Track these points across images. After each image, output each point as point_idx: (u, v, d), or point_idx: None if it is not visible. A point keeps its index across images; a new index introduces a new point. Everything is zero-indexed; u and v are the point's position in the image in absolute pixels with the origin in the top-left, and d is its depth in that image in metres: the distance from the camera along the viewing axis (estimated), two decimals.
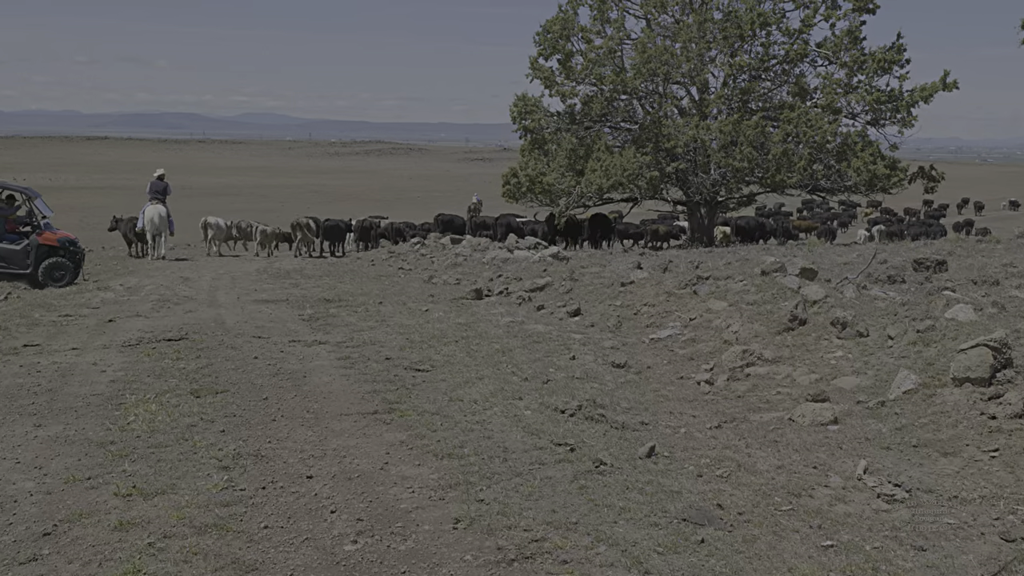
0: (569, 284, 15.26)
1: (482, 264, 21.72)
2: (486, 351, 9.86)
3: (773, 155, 27.44)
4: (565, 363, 9.48)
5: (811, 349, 9.39)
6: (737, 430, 7.15)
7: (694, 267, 13.87)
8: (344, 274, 21.49)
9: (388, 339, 10.66)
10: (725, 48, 28.58)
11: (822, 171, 28.20)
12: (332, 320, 12.51)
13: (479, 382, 8.30)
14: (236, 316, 12.98)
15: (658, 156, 28.70)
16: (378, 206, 65.37)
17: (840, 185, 28.78)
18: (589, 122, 30.09)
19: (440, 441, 6.37)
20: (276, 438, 6.46)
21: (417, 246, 30.05)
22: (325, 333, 11.28)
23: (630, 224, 35.19)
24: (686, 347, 10.36)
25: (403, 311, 13.57)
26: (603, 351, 10.21)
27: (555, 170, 28.90)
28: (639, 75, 27.84)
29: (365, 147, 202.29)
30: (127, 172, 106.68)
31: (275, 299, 15.37)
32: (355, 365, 9.04)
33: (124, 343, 10.44)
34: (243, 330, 11.56)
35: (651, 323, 11.79)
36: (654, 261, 17.79)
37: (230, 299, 15.44)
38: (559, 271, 17.73)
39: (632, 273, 14.82)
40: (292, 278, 20.03)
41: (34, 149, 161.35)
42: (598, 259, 22.81)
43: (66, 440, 6.46)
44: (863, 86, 28.51)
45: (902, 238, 36.82)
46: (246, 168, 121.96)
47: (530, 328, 11.59)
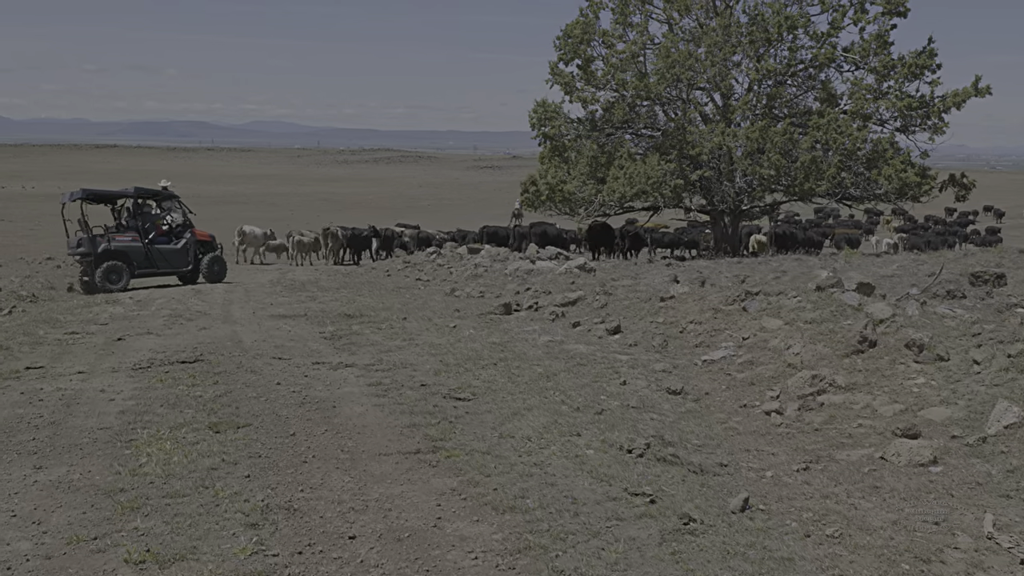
0: (603, 298, 14.44)
1: (504, 276, 20.91)
2: (528, 376, 9.04)
3: (801, 162, 26.56)
4: (616, 389, 8.65)
5: (887, 375, 8.53)
6: (828, 472, 6.31)
7: (739, 281, 13.03)
8: (361, 286, 20.71)
9: (420, 361, 9.84)
10: (751, 52, 27.75)
11: (851, 179, 27.30)
12: (356, 339, 11.70)
13: (528, 413, 7.48)
14: (253, 334, 12.19)
15: (682, 164, 27.86)
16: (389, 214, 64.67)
17: (870, 193, 27.88)
18: (610, 129, 29.28)
19: (497, 489, 5.54)
20: (309, 485, 5.64)
21: (433, 256, 29.28)
22: (350, 354, 10.46)
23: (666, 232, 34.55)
24: (744, 370, 9.52)
25: (430, 328, 12.75)
26: (654, 375, 9.38)
27: (576, 178, 28.08)
28: (663, 80, 27.02)
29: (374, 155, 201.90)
30: (136, 180, 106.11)
31: (293, 314, 14.58)
32: (388, 393, 8.22)
33: (134, 365, 9.65)
34: (262, 350, 10.76)
35: (700, 342, 10.95)
36: (689, 274, 16.94)
37: (245, 314, 14.65)
38: (589, 284, 16.92)
39: (671, 287, 13.98)
40: (308, 290, 19.26)
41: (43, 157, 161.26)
42: (627, 271, 21.99)
43: (70, 487, 5.66)
44: (893, 91, 27.64)
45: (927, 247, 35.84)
46: (255, 176, 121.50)
47: (571, 348, 10.76)
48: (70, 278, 23.16)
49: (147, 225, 20.99)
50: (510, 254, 26.28)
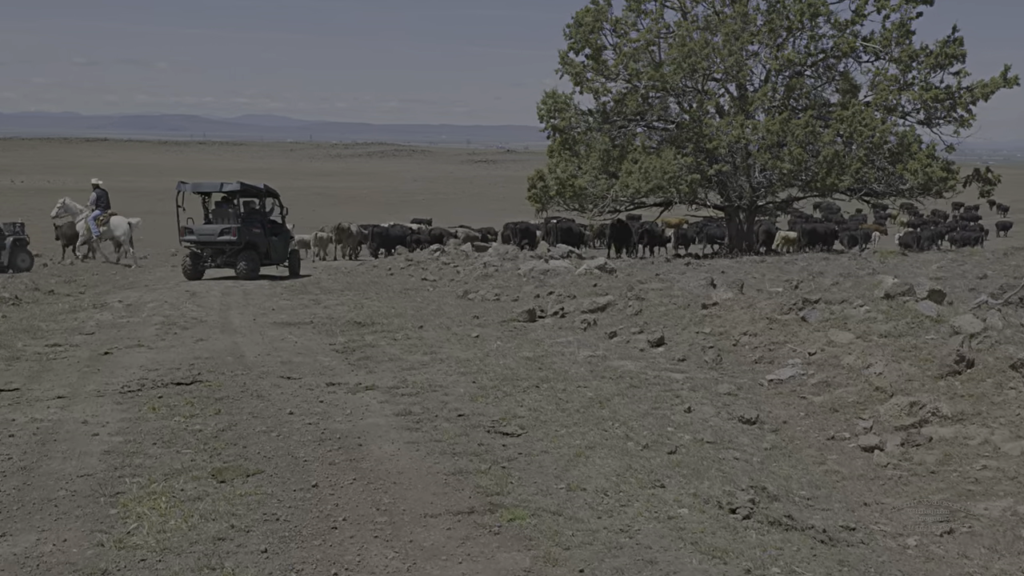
0: (636, 304, 13.24)
1: (518, 276, 19.71)
2: (579, 401, 7.84)
3: (823, 156, 25.42)
4: (682, 418, 7.46)
5: (996, 402, 7.36)
6: (976, 536, 5.14)
7: (792, 286, 11.86)
8: (366, 287, 19.48)
9: (449, 382, 8.63)
10: (770, 41, 26.58)
11: (874, 174, 26.17)
12: (371, 352, 10.49)
13: (591, 453, 6.29)
14: (256, 346, 10.96)
15: (698, 158, 26.68)
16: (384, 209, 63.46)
17: (893, 189, 26.77)
18: (622, 121, 28.09)
19: (584, 572, 4.35)
20: (343, 564, 4.44)
21: (437, 254, 28.09)
22: (368, 372, 9.25)
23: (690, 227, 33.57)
24: (820, 393, 8.34)
25: (451, 339, 11.55)
26: (719, 399, 8.19)
27: (588, 172, 26.88)
28: (679, 70, 25.82)
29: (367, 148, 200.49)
30: (127, 174, 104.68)
31: (297, 321, 13.35)
32: (421, 425, 7.02)
33: (123, 387, 8.42)
34: (267, 366, 9.54)
35: (759, 358, 9.77)
36: (723, 276, 15.74)
37: (245, 321, 13.42)
38: (616, 287, 15.73)
39: (712, 293, 12.79)
40: (310, 292, 18.04)
41: (33, 151, 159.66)
42: (648, 271, 20.82)
43: (38, 566, 4.44)
44: (918, 82, 26.50)
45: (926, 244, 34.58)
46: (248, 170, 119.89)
47: (616, 365, 9.56)
48: (56, 278, 21.89)
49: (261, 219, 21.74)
50: (519, 252, 25.10)
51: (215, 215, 21.42)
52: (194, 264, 20.53)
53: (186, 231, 20.87)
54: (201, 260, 20.63)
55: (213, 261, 20.71)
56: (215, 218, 21.27)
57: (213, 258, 20.80)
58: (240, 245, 20.56)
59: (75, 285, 20.65)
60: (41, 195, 72.71)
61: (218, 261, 20.71)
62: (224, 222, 20.91)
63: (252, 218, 21.41)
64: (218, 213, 21.46)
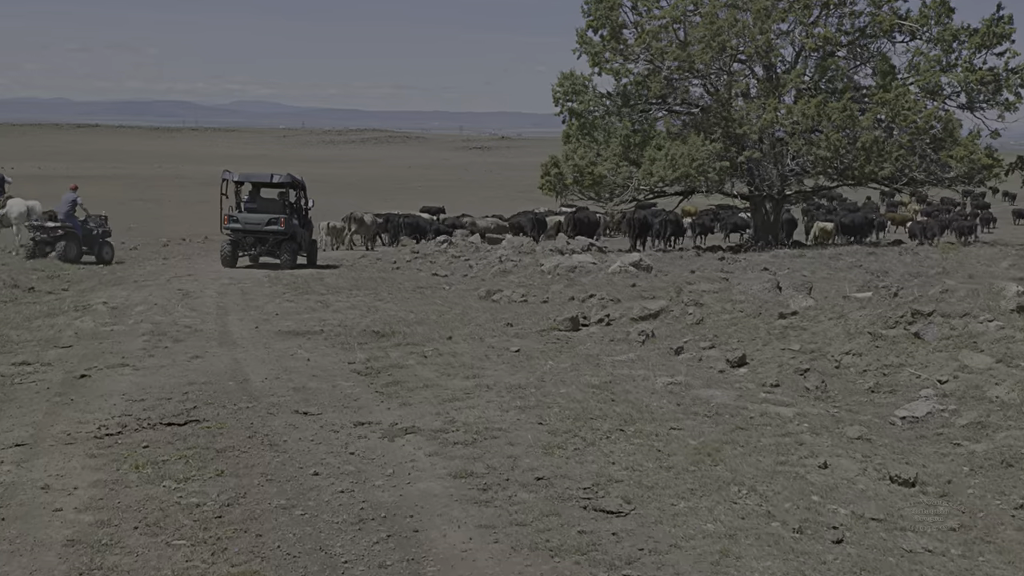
0: (695, 311, 11.54)
1: (542, 273, 18.01)
2: (682, 453, 6.14)
3: (862, 143, 23.68)
4: (821, 478, 5.77)
5: None
6: None
7: (890, 294, 10.16)
8: (375, 285, 17.75)
9: (508, 422, 6.91)
10: (804, 17, 24.81)
11: (915, 162, 24.44)
12: (400, 375, 8.76)
13: (735, 547, 4.59)
14: (262, 365, 9.23)
15: (726, 143, 24.92)
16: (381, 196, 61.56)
17: (935, 177, 25.06)
18: (644, 104, 26.30)
19: None
20: None
21: (444, 245, 26.37)
22: (402, 404, 7.53)
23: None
24: (978, 438, 6.63)
25: (490, 355, 9.84)
26: (851, 446, 6.49)
27: (608, 159, 25.08)
28: (708, 49, 24.01)
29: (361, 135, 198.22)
30: (118, 161, 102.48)
31: (306, 330, 11.62)
32: (492, 496, 5.30)
33: (99, 428, 6.70)
34: (277, 395, 7.82)
35: (875, 385, 8.07)
36: (783, 278, 14.02)
37: (246, 330, 11.68)
38: (660, 288, 14.04)
39: (788, 299, 11.08)
40: (315, 292, 16.28)
41: (23, 137, 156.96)
42: (682, 266, 19.14)
43: None
44: (962, 63, 24.77)
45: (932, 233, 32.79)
46: (240, 157, 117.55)
47: (703, 396, 7.85)
48: (37, 273, 20.12)
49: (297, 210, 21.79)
50: (535, 245, 23.36)
51: (261, 205, 21.32)
52: (233, 251, 20.62)
53: (230, 219, 20.84)
54: (240, 248, 20.72)
55: (254, 249, 20.91)
56: (260, 208, 21.17)
57: (254, 246, 20.94)
58: (287, 235, 20.71)
59: (58, 281, 18.89)
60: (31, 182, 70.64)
61: (259, 249, 20.89)
62: (270, 212, 20.94)
63: (291, 209, 21.55)
64: (264, 203, 21.44)
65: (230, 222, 20.81)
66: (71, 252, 20.93)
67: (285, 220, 20.68)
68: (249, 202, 21.42)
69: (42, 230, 21.38)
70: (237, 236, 20.68)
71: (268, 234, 20.68)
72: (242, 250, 20.85)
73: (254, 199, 21.55)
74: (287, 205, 21.46)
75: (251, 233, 20.75)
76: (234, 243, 20.72)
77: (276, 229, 20.56)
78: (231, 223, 20.77)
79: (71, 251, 20.95)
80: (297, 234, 21.21)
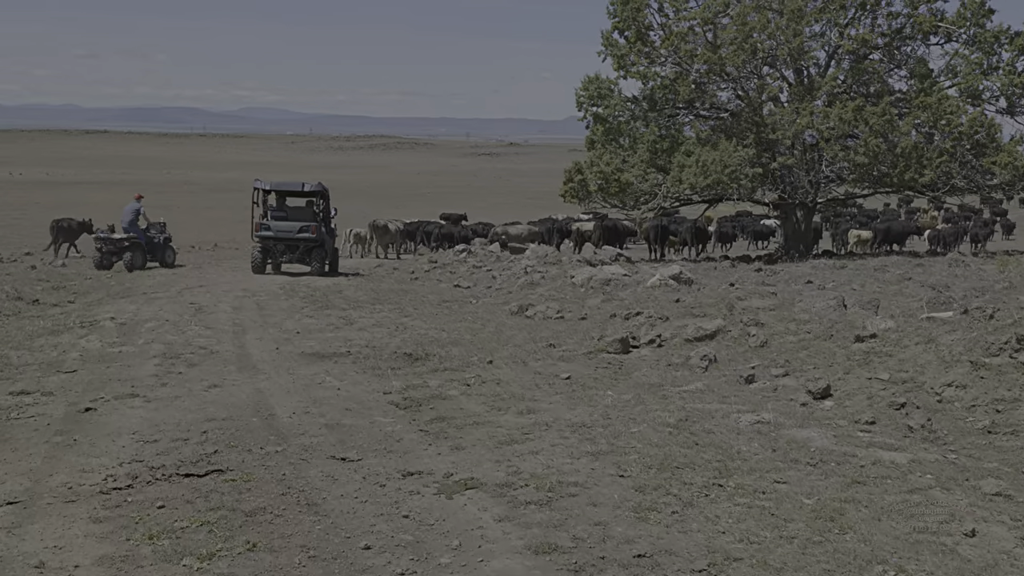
0: (757, 332, 10.54)
1: (574, 286, 17.03)
2: (802, 519, 5.14)
3: (901, 148, 22.66)
4: (974, 553, 4.78)
5: None
6: None
7: (985, 315, 9.13)
8: (397, 298, 16.82)
9: (582, 472, 5.92)
10: (840, 20, 23.81)
11: (957, 168, 23.41)
12: (444, 408, 7.79)
13: None
14: (288, 396, 8.26)
15: (758, 149, 23.92)
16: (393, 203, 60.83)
17: (975, 184, 24.03)
18: (671, 109, 25.32)
19: None
20: None
21: (463, 255, 25.44)
22: (454, 447, 6.55)
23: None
24: None
25: (540, 384, 8.86)
26: (993, 504, 5.48)
27: (636, 166, 24.09)
28: (740, 51, 23.03)
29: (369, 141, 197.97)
30: (127, 167, 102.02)
31: (332, 352, 10.66)
32: None
33: (106, 480, 5.74)
34: (309, 435, 6.85)
35: (991, 425, 7.05)
36: (851, 294, 12.97)
37: (266, 351, 10.72)
38: (707, 304, 13.02)
39: (867, 320, 10.06)
40: (336, 306, 15.33)
41: (33, 143, 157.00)
42: (718, 277, 18.13)
43: None
44: (1005, 67, 23.75)
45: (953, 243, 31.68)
46: (249, 163, 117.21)
47: (797, 438, 6.84)
48: (43, 283, 19.27)
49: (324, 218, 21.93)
50: (560, 255, 22.38)
51: (291, 213, 21.55)
52: (263, 258, 20.80)
53: (262, 226, 21.06)
54: (270, 255, 20.90)
55: (282, 256, 21.06)
56: (290, 215, 21.42)
57: (284, 253, 21.11)
58: (318, 242, 20.91)
59: (64, 292, 18.03)
60: (40, 188, 70.09)
61: (288, 257, 21.03)
62: (300, 220, 21.18)
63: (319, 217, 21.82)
64: (294, 211, 21.70)
65: (261, 230, 20.97)
66: (138, 261, 21.50)
67: (316, 228, 20.89)
68: (277, 210, 21.56)
69: (109, 242, 21.85)
70: (268, 244, 20.79)
71: (299, 241, 20.81)
72: (271, 257, 20.93)
73: (282, 207, 21.73)
74: (315, 213, 21.54)
75: (282, 240, 20.90)
76: (265, 250, 20.83)
77: (308, 236, 20.74)
78: (262, 231, 20.94)
79: (138, 260, 21.52)
80: (325, 241, 21.30)
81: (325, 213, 21.84)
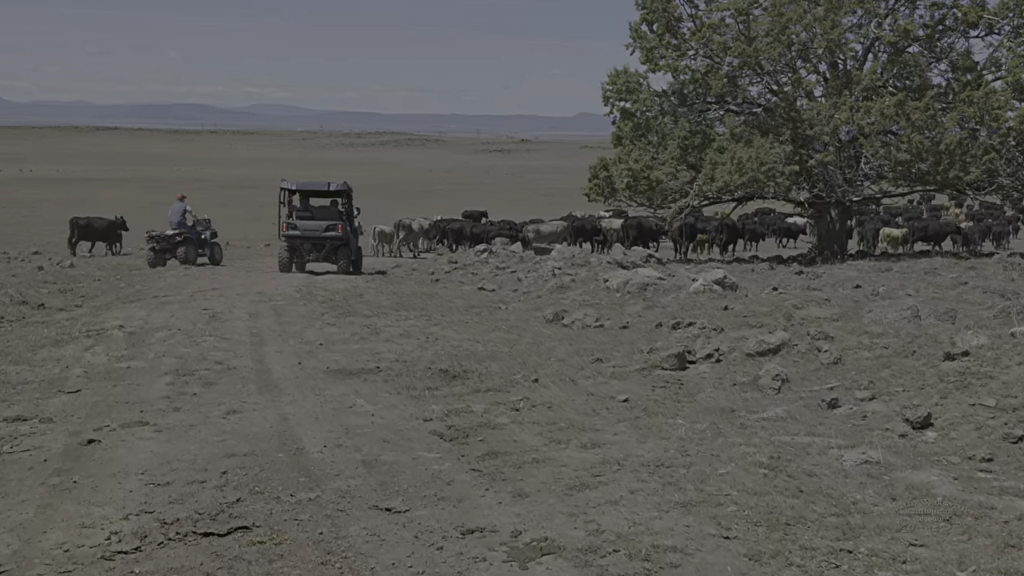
0: (828, 348, 9.55)
1: (608, 290, 16.07)
2: None
3: (946, 145, 21.60)
4: None
5: None
6: None
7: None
8: (422, 303, 15.90)
9: (678, 532, 4.97)
10: (880, 11, 22.76)
11: (1003, 166, 22.35)
12: (495, 440, 6.84)
13: None
14: (316, 425, 7.32)
15: (795, 146, 22.89)
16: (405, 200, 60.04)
17: (1022, 182, 22.96)
18: (702, 104, 24.31)
19: None
20: None
21: (485, 255, 24.54)
22: (515, 494, 5.60)
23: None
24: None
25: (597, 407, 7.91)
26: None
27: (666, 163, 23.09)
28: (776, 43, 21.99)
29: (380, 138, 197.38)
30: (138, 163, 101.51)
31: (360, 368, 9.72)
32: None
33: (109, 541, 4.81)
34: (345, 477, 5.91)
35: None
36: (924, 304, 11.95)
37: (288, 367, 9.79)
38: (761, 312, 12.09)
39: (954, 335, 9.06)
40: (357, 312, 14.42)
41: (44, 140, 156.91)
42: (756, 281, 17.16)
43: None
44: None
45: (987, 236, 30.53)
46: (260, 160, 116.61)
47: (917, 483, 5.86)
48: (51, 286, 18.47)
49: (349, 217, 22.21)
50: (588, 257, 21.42)
51: (317, 212, 21.83)
52: (291, 257, 21.12)
53: (289, 226, 21.31)
54: (297, 254, 21.16)
55: (309, 255, 21.30)
56: (316, 215, 21.68)
57: (310, 252, 21.35)
58: (343, 241, 21.18)
59: (71, 296, 17.22)
60: (51, 184, 69.53)
61: (314, 256, 21.26)
62: (327, 219, 21.42)
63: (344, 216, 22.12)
64: (319, 210, 21.95)
65: (288, 229, 21.20)
66: (191, 255, 22.48)
67: (342, 226, 21.14)
68: (303, 210, 21.76)
69: (162, 239, 22.62)
70: (294, 243, 21.03)
71: (326, 240, 21.02)
72: (298, 256, 21.17)
73: (307, 207, 21.96)
74: (340, 212, 21.74)
75: (309, 239, 21.11)
76: (291, 249, 21.09)
77: (334, 235, 21.01)
78: (290, 230, 21.18)
79: (191, 254, 22.50)
80: (350, 240, 21.54)
81: (349, 212, 21.86)
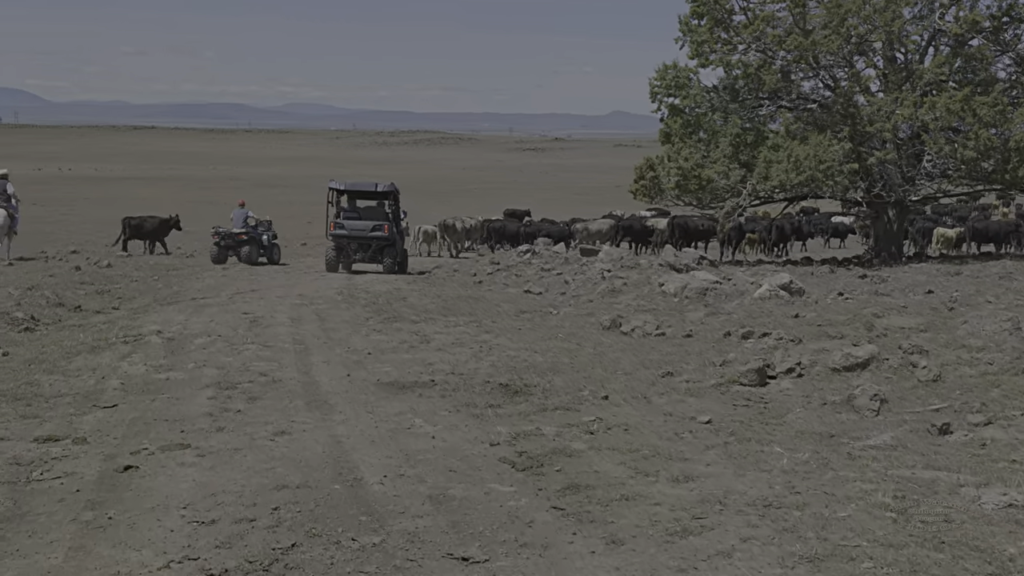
0: (925, 364, 8.70)
1: (664, 295, 15.30)
2: None
3: (1015, 142, 20.54)
4: None
5: None
6: None
7: None
8: (468, 307, 15.26)
9: None
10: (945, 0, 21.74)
11: None
12: (573, 469, 6.11)
13: None
14: (372, 448, 6.64)
15: (854, 143, 21.93)
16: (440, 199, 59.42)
17: None
18: (755, 100, 23.41)
19: None
20: None
21: (528, 255, 23.81)
22: (609, 541, 4.86)
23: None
24: None
25: (679, 430, 7.16)
26: None
27: (718, 161, 22.22)
28: (836, 35, 21.03)
29: (413, 136, 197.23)
30: (174, 162, 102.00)
31: (413, 380, 9.05)
32: None
33: None
34: (411, 516, 5.21)
35: None
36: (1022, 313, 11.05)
37: (337, 379, 9.14)
38: (838, 321, 11.29)
39: None
40: (403, 316, 13.77)
41: (82, 139, 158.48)
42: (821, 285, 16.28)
43: None
44: None
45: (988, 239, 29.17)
46: (294, 158, 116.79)
47: None
48: (87, 287, 17.99)
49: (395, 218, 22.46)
50: (638, 259, 20.62)
51: (364, 212, 22.03)
52: (338, 257, 21.29)
53: (336, 226, 21.60)
54: (344, 254, 21.37)
55: (355, 255, 21.55)
56: (363, 215, 21.91)
57: (357, 252, 21.60)
58: (389, 241, 21.38)
59: (107, 297, 16.72)
60: (89, 183, 69.81)
61: (361, 256, 21.53)
62: (373, 219, 21.65)
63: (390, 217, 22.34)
64: (366, 211, 22.16)
65: (336, 229, 21.47)
66: (253, 255, 23.18)
67: (388, 227, 21.40)
68: (350, 210, 22.00)
69: (228, 236, 23.47)
70: (341, 243, 21.24)
71: (372, 240, 21.26)
72: (344, 256, 21.36)
73: (354, 207, 22.19)
74: (387, 213, 21.95)
75: (355, 239, 21.36)
76: (339, 249, 21.27)
77: (380, 235, 21.24)
78: (337, 230, 21.44)
79: (253, 254, 23.20)
80: (396, 241, 21.77)
81: (395, 213, 22.04)
